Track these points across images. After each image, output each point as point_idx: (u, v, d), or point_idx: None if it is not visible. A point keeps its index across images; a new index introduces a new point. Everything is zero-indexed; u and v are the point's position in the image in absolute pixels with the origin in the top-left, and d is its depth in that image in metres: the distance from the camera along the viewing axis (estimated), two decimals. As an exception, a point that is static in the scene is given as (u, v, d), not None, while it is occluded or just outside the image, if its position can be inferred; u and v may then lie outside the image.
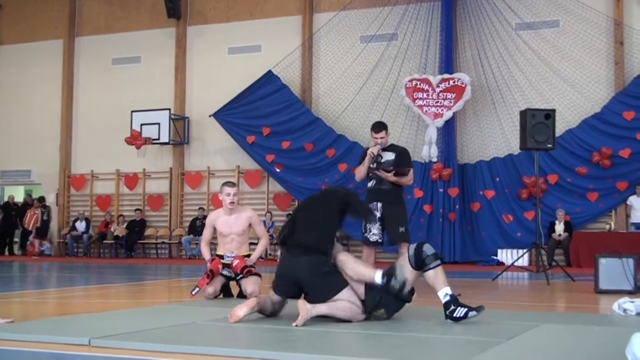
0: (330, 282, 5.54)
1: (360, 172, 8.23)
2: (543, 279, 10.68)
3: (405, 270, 5.46)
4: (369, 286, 5.52)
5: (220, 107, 19.72)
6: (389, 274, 5.42)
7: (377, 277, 5.43)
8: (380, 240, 8.13)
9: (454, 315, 5.34)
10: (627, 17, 17.08)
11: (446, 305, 5.40)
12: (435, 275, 5.44)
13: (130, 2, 22.05)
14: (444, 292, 5.41)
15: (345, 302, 5.48)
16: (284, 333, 5.02)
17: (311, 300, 5.49)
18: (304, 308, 5.30)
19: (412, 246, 5.58)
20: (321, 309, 5.42)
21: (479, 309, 5.36)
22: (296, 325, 5.19)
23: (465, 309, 5.34)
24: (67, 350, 4.38)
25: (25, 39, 23.16)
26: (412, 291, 5.63)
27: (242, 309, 5.49)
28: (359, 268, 5.53)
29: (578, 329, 5.30)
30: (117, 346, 4.43)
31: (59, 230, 22.25)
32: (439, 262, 5.47)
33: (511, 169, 17.48)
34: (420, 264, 5.47)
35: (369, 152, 8.11)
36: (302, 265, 5.60)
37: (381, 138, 8.12)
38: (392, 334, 4.94)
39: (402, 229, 8.03)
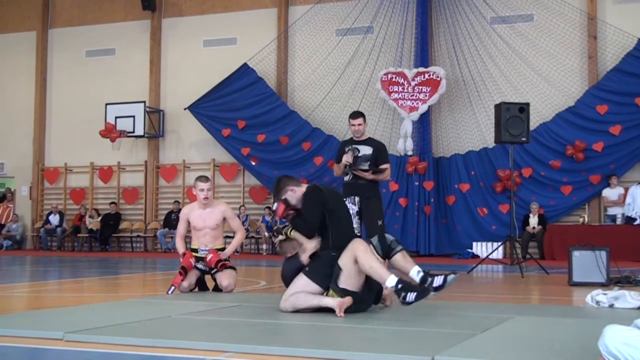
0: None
1: (337, 171, 8.43)
2: (517, 271, 10.74)
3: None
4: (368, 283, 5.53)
5: (196, 100, 19.62)
6: (405, 287, 5.26)
7: (390, 282, 5.29)
8: (359, 235, 8.18)
9: (434, 284, 5.37)
10: (600, 12, 17.20)
11: (423, 280, 5.43)
12: (404, 256, 5.59)
13: (105, -6, 21.89)
14: (416, 270, 5.49)
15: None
16: (257, 327, 5.03)
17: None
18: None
19: (374, 238, 5.68)
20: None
21: (455, 272, 5.50)
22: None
23: (443, 276, 5.42)
24: (40, 344, 4.35)
25: (-2, 31, 22.92)
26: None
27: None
28: (376, 264, 5.38)
29: (551, 321, 5.33)
30: (91, 340, 4.41)
31: (32, 224, 22.07)
32: (401, 246, 5.63)
33: (486, 162, 17.56)
34: (387, 251, 5.59)
35: (343, 160, 8.20)
36: None
37: (358, 125, 8.20)
38: (365, 326, 4.95)
39: (380, 222, 8.11)
